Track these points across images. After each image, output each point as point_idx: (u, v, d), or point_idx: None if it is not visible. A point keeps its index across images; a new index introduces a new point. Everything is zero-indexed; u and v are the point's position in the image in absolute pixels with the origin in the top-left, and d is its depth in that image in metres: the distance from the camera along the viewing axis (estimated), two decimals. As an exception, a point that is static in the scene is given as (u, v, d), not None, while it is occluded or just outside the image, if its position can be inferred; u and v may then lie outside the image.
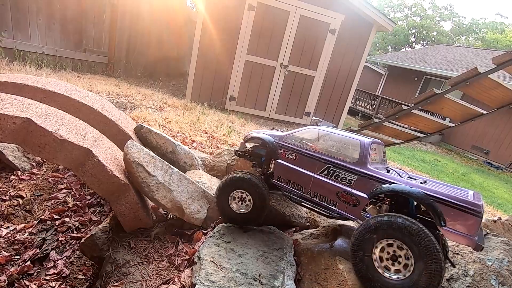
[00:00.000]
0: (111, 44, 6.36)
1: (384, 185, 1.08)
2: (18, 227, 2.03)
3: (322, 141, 1.30)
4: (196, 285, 1.06)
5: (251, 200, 1.40)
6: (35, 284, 1.70)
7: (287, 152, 1.39)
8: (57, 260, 1.88)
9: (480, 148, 10.86)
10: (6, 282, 1.70)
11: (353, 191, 1.16)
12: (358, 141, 1.22)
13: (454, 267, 1.22)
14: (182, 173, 1.57)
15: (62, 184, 2.42)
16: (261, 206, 1.38)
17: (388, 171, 1.22)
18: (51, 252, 1.92)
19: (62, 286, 1.69)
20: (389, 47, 27.50)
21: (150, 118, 3.50)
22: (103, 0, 5.90)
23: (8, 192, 2.21)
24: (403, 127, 3.17)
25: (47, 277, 1.76)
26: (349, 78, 6.95)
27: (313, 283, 1.18)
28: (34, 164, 2.52)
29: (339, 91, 7.02)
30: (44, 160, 2.58)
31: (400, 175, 1.18)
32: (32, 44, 5.00)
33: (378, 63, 17.66)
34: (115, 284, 1.21)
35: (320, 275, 1.18)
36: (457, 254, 1.42)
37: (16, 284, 1.69)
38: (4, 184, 2.27)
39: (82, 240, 1.64)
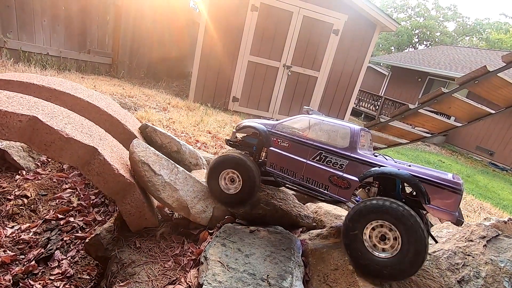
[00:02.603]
0: (114, 45, 6.39)
1: (374, 168, 1.14)
2: (23, 227, 2.03)
3: (313, 128, 1.36)
4: (203, 286, 1.05)
5: (241, 181, 1.44)
6: (39, 283, 1.69)
7: (279, 140, 1.43)
8: (62, 259, 1.88)
9: (485, 149, 10.76)
10: (11, 281, 1.69)
11: (345, 175, 1.22)
12: (348, 128, 1.29)
13: (436, 242, 1.31)
14: (188, 172, 1.56)
15: (66, 183, 2.42)
16: (250, 186, 1.41)
17: (375, 156, 1.28)
18: (55, 252, 1.91)
19: (66, 286, 1.68)
20: (392, 48, 27.40)
21: (154, 118, 3.49)
22: (107, 1, 5.93)
23: (13, 192, 2.21)
24: (408, 127, 3.14)
25: (52, 277, 1.76)
26: (352, 79, 6.92)
27: (322, 284, 1.16)
28: (39, 163, 2.52)
29: (342, 91, 6.99)
30: (49, 159, 2.58)
31: (386, 159, 1.24)
32: (37, 45, 5.03)
33: (381, 64, 17.59)
34: (121, 284, 1.19)
35: (329, 276, 1.16)
36: (468, 255, 1.39)
37: (21, 284, 1.68)
38: (9, 183, 2.27)
39: (87, 240, 1.63)
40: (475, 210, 4.30)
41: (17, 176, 2.34)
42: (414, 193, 1.17)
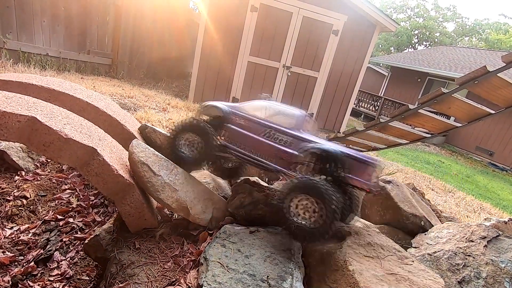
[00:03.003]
0: (114, 45, 6.38)
1: (310, 144, 1.39)
2: (22, 228, 2.02)
3: (266, 111, 1.59)
4: (203, 287, 1.04)
5: (199, 143, 1.61)
6: (38, 285, 1.69)
7: (237, 119, 1.63)
8: (61, 260, 1.87)
9: (484, 149, 10.76)
10: (10, 283, 1.69)
11: (287, 149, 1.44)
12: (296, 111, 1.55)
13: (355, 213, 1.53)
14: (187, 173, 1.56)
15: (66, 184, 2.42)
16: (210, 148, 1.60)
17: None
18: (55, 253, 1.91)
19: (66, 287, 1.68)
20: (392, 48, 27.43)
21: (153, 118, 3.49)
22: (107, 1, 5.93)
23: (12, 193, 2.20)
24: (408, 127, 3.14)
25: (51, 278, 1.75)
26: (352, 79, 6.92)
27: (322, 285, 1.15)
28: (38, 164, 2.52)
29: (342, 92, 6.99)
30: (48, 160, 2.57)
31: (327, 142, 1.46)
32: (36, 46, 5.03)
33: (381, 64, 17.60)
34: (120, 285, 1.19)
35: (329, 276, 1.15)
36: (469, 256, 1.39)
37: (20, 285, 1.68)
38: (8, 184, 2.27)
39: (86, 241, 1.63)
40: (475, 211, 4.30)
41: (16, 177, 2.33)
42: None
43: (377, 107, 12.80)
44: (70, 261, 1.89)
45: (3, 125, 1.08)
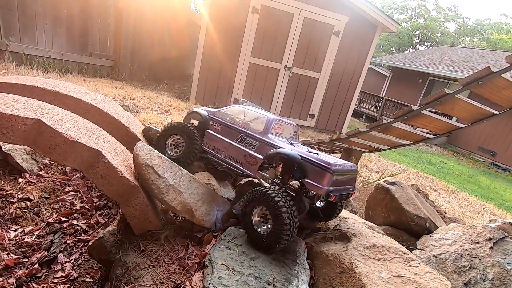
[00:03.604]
0: (116, 47, 6.40)
1: (273, 149, 1.41)
2: (26, 230, 2.03)
3: (241, 116, 1.64)
4: (209, 289, 1.04)
5: (184, 144, 1.71)
6: (43, 287, 1.69)
7: (215, 124, 1.71)
8: (65, 262, 1.87)
9: (487, 149, 10.72)
10: (15, 285, 1.69)
11: (254, 153, 1.48)
12: (266, 116, 1.57)
13: (321, 216, 1.57)
14: (192, 175, 1.56)
15: (69, 186, 2.42)
16: (191, 149, 1.69)
17: (291, 144, 1.53)
18: (59, 255, 1.91)
19: (70, 289, 1.68)
20: (393, 49, 27.41)
21: (156, 120, 3.50)
22: (109, 4, 5.95)
23: (16, 195, 2.21)
24: (410, 128, 3.13)
25: (55, 280, 1.75)
26: (354, 80, 6.92)
27: (328, 287, 1.15)
28: (41, 166, 2.52)
29: (344, 93, 6.99)
30: (52, 162, 2.58)
31: (295, 147, 1.48)
32: (39, 48, 5.05)
33: (382, 65, 17.59)
34: (126, 287, 1.19)
35: (335, 279, 1.15)
36: (475, 257, 1.38)
37: (24, 287, 1.68)
38: (12, 186, 2.27)
39: (90, 243, 1.63)
40: (478, 211, 4.28)
41: (20, 179, 2.34)
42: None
43: (378, 108, 12.78)
44: (74, 263, 1.89)
45: (10, 128, 1.09)
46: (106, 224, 2.06)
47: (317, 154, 1.46)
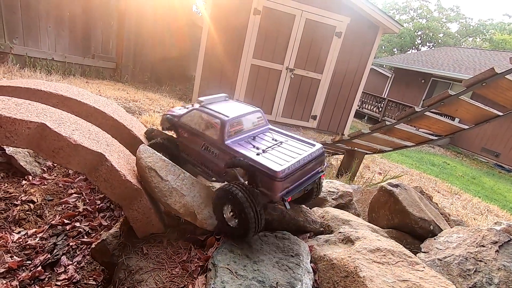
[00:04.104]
0: (118, 49, 6.44)
1: (232, 159, 1.37)
2: (30, 232, 2.03)
3: (199, 121, 1.55)
4: (212, 293, 1.03)
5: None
6: (46, 290, 1.69)
7: (183, 132, 1.65)
8: (68, 265, 1.87)
9: (490, 150, 10.66)
10: (18, 287, 1.69)
11: (217, 161, 1.46)
12: (219, 120, 1.45)
13: (287, 208, 1.49)
14: (194, 178, 1.55)
15: (72, 188, 2.43)
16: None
17: (253, 138, 1.51)
18: (62, 257, 1.91)
19: (73, 292, 1.68)
20: (395, 50, 27.34)
21: (158, 122, 3.50)
22: (111, 6, 5.99)
23: (20, 197, 2.22)
24: (413, 129, 3.11)
25: (58, 283, 1.75)
26: (356, 81, 6.91)
27: (332, 291, 1.14)
28: (45, 168, 2.53)
29: (346, 94, 6.98)
30: (55, 164, 2.59)
31: (255, 144, 1.46)
32: (42, 51, 5.09)
33: (384, 66, 17.54)
34: (129, 291, 1.18)
35: (339, 283, 1.14)
36: (480, 261, 1.37)
37: (27, 290, 1.68)
38: (15, 189, 2.28)
39: (93, 245, 1.63)
40: (482, 213, 4.25)
41: (24, 181, 2.35)
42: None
43: (380, 109, 12.75)
44: (77, 265, 1.89)
45: (13, 132, 1.09)
46: (108, 226, 2.06)
47: (281, 143, 1.46)
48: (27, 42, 4.86)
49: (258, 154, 1.34)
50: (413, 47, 26.78)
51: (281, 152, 1.40)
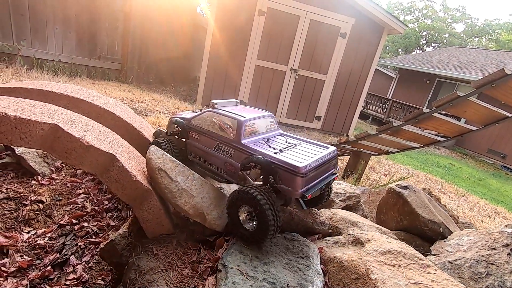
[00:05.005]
0: (124, 51, 6.49)
1: (250, 157, 1.38)
2: (39, 232, 2.05)
3: (213, 122, 1.58)
4: (223, 294, 1.03)
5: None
6: (56, 289, 1.70)
7: (193, 133, 1.67)
8: (77, 265, 1.89)
9: (497, 152, 10.53)
10: (28, 286, 1.71)
11: (232, 161, 1.47)
12: (236, 120, 1.48)
13: (304, 207, 1.58)
14: (203, 178, 1.56)
15: (80, 189, 2.45)
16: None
17: (267, 140, 1.54)
18: (70, 257, 1.93)
19: (82, 291, 1.69)
20: (400, 50, 27.19)
21: (164, 123, 3.52)
22: (116, 8, 6.04)
23: (29, 197, 2.24)
24: (419, 131, 3.09)
25: (67, 282, 1.77)
26: (360, 82, 6.88)
27: (343, 294, 1.14)
28: (53, 169, 2.56)
29: (350, 95, 6.95)
30: (63, 165, 2.62)
31: (271, 145, 1.48)
32: (49, 52, 5.14)
33: (389, 66, 17.45)
34: (140, 291, 1.19)
35: (349, 285, 1.13)
36: (492, 264, 1.35)
37: (38, 289, 1.69)
38: (25, 189, 2.31)
39: (102, 246, 1.64)
40: (490, 215, 4.20)
41: (33, 182, 2.37)
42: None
43: (385, 110, 12.68)
44: (86, 265, 1.90)
45: (28, 133, 1.11)
46: (116, 226, 2.07)
47: (295, 145, 1.48)
48: (34, 44, 4.92)
49: (275, 153, 1.36)
50: (418, 48, 26.60)
51: (297, 152, 1.43)
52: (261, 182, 1.38)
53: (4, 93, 1.56)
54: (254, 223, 1.28)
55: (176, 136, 1.86)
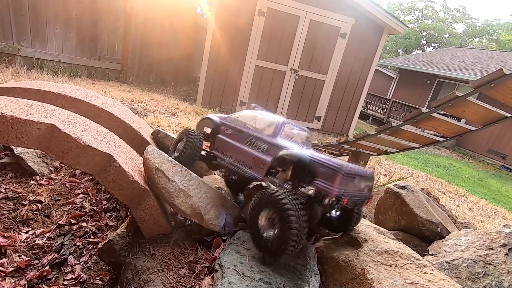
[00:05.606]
0: (124, 51, 6.50)
1: (282, 151, 1.38)
2: (37, 232, 2.05)
3: (251, 120, 1.66)
4: (219, 294, 1.03)
5: (184, 147, 1.75)
6: (53, 289, 1.71)
7: (226, 129, 1.73)
8: (75, 265, 1.89)
9: (497, 152, 10.52)
10: (26, 286, 1.71)
11: (262, 156, 1.46)
12: (276, 120, 1.58)
13: (327, 230, 1.53)
14: (200, 179, 1.56)
15: (79, 189, 2.45)
16: (191, 152, 1.73)
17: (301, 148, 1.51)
18: (69, 257, 1.93)
19: (80, 291, 1.69)
20: (400, 50, 27.18)
21: (163, 123, 3.52)
22: (117, 9, 6.05)
23: (28, 197, 2.24)
24: (419, 131, 3.09)
25: (65, 282, 1.77)
26: (360, 82, 6.88)
27: (339, 294, 1.14)
28: (52, 169, 2.56)
29: (350, 95, 6.95)
30: (62, 164, 2.62)
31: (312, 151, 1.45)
32: (49, 53, 5.15)
33: (389, 67, 17.44)
34: (136, 291, 1.19)
35: (346, 285, 1.13)
36: (489, 264, 1.35)
37: (35, 289, 1.69)
38: (24, 189, 2.31)
39: (100, 245, 1.64)
40: (489, 215, 4.19)
41: (32, 182, 2.38)
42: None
43: (385, 110, 12.67)
44: (84, 265, 1.90)
45: (24, 132, 1.11)
46: (115, 226, 2.07)
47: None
48: (34, 44, 4.93)
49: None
50: (418, 48, 26.58)
51: None
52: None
53: (2, 93, 1.56)
54: (275, 231, 1.18)
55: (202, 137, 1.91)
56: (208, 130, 1.87)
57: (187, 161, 1.75)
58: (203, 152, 1.83)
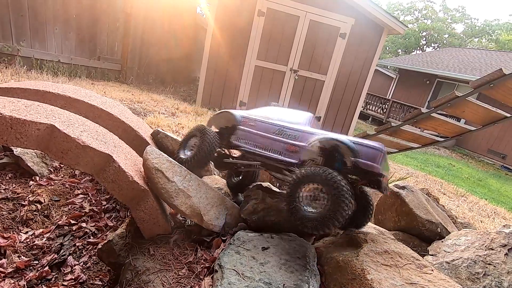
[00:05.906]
0: (124, 51, 6.49)
1: (319, 136, 1.45)
2: (37, 232, 2.05)
3: (278, 113, 1.78)
4: (219, 295, 1.03)
5: (196, 144, 1.74)
6: (53, 289, 1.70)
7: (248, 121, 1.77)
8: (74, 265, 1.89)
9: (497, 152, 10.52)
10: (26, 287, 1.71)
11: (296, 142, 1.54)
12: (305, 113, 1.76)
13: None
14: (200, 179, 1.56)
15: (78, 189, 2.45)
16: (207, 151, 1.69)
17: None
18: (68, 258, 1.93)
19: (79, 292, 1.69)
20: (399, 50, 27.19)
21: (163, 123, 3.52)
22: (117, 9, 6.04)
23: (27, 197, 2.24)
24: (418, 131, 3.08)
25: (65, 283, 1.77)
26: (360, 82, 6.87)
27: (339, 294, 1.13)
28: (51, 169, 2.56)
29: (350, 95, 6.95)
30: (61, 165, 2.62)
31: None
32: (48, 53, 5.14)
33: (388, 67, 17.45)
34: (136, 292, 1.19)
35: (346, 285, 1.13)
36: (489, 264, 1.35)
37: (35, 290, 1.69)
38: (23, 189, 2.31)
39: (100, 246, 1.64)
40: (489, 215, 4.19)
41: (31, 182, 2.37)
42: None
43: (385, 110, 12.68)
44: (83, 265, 1.90)
45: (23, 133, 1.11)
46: (114, 227, 2.07)
47: None
48: (34, 44, 4.92)
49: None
50: (418, 48, 26.58)
51: None
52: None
53: (1, 93, 1.56)
54: (324, 206, 1.20)
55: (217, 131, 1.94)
56: (225, 125, 1.89)
57: (201, 163, 1.70)
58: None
